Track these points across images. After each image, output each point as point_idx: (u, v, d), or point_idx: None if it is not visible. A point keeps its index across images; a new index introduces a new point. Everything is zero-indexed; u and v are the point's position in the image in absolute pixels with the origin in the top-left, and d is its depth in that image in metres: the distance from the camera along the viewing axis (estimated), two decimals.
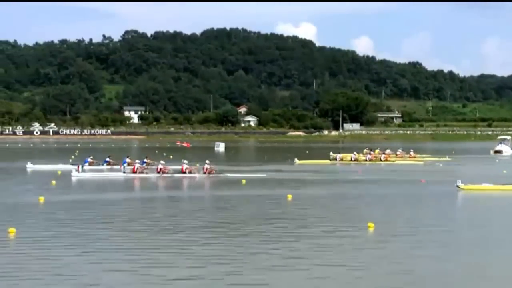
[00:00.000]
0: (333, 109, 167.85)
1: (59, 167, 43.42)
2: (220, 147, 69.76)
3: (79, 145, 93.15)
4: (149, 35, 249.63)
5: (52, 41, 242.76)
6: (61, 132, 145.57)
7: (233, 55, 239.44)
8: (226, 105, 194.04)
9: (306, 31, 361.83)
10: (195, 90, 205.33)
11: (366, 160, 53.83)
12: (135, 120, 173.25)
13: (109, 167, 42.29)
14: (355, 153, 55.50)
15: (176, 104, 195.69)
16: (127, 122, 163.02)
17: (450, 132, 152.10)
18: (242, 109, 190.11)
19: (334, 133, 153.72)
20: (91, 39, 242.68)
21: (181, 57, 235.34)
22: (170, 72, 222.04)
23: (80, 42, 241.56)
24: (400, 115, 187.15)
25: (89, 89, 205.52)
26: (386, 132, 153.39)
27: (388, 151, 58.85)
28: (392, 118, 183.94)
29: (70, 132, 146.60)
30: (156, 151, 66.57)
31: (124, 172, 38.77)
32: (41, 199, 26.15)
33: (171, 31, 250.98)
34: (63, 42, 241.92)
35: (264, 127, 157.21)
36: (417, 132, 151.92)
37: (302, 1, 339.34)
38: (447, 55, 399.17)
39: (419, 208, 25.72)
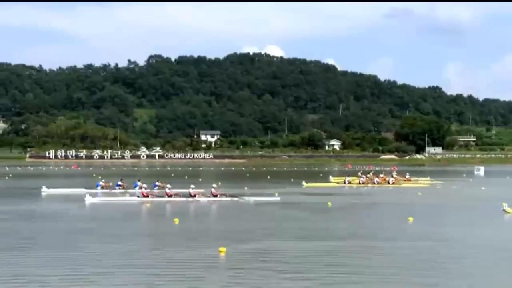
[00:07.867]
0: (413, 133, 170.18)
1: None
2: (481, 171, 71.55)
3: (201, 168, 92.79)
4: (173, 59, 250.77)
5: (75, 66, 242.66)
6: (166, 156, 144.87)
7: (258, 79, 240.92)
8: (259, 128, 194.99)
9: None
10: (230, 114, 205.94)
11: (374, 183, 53.83)
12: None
13: (122, 190, 41.34)
14: (363, 176, 54.99)
15: (214, 128, 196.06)
16: (213, 146, 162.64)
17: None
18: None
19: (419, 156, 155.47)
20: (116, 64, 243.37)
21: (207, 81, 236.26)
22: (199, 97, 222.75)
23: (106, 66, 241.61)
24: (474, 139, 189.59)
25: (122, 113, 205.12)
26: (478, 155, 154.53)
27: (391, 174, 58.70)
28: (469, 141, 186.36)
29: (174, 155, 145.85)
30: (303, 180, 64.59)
31: (138, 196, 37.03)
32: None
33: (195, 55, 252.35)
34: (88, 67, 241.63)
35: (349, 151, 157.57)
36: (509, 155, 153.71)
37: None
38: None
39: None
